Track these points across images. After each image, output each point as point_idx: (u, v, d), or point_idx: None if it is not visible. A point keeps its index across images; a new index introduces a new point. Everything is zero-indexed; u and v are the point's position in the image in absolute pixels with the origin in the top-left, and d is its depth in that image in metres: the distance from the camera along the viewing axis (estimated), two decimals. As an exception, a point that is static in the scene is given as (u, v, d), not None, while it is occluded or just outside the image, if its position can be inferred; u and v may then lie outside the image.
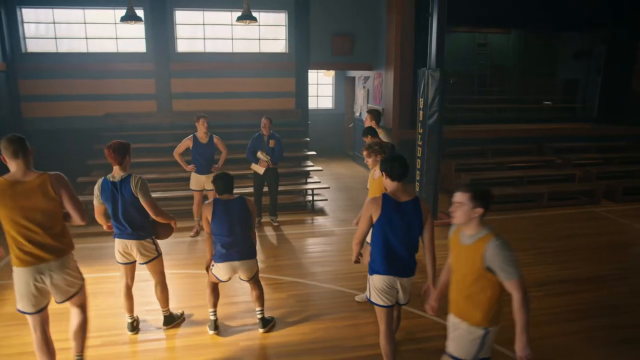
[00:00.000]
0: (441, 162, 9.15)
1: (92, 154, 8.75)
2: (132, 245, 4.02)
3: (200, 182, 6.67)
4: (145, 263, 4.12)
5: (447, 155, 9.51)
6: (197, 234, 6.79)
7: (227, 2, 9.66)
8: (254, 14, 9.99)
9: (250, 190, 7.28)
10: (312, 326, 4.42)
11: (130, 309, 4.29)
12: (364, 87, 11.40)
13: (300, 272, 5.62)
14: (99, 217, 4.04)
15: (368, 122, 5.89)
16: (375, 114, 5.97)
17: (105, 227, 4.07)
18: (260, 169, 6.95)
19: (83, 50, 9.45)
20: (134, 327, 4.32)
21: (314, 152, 9.76)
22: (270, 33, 10.30)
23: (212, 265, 4.12)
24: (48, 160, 9.43)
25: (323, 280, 5.42)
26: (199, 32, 9.96)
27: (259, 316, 4.33)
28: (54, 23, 9.30)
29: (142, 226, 4.01)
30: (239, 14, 9.86)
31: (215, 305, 4.24)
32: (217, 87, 10.08)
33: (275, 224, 7.27)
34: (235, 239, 3.96)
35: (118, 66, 9.49)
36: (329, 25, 10.23)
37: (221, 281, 4.14)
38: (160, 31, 9.51)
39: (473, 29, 12.39)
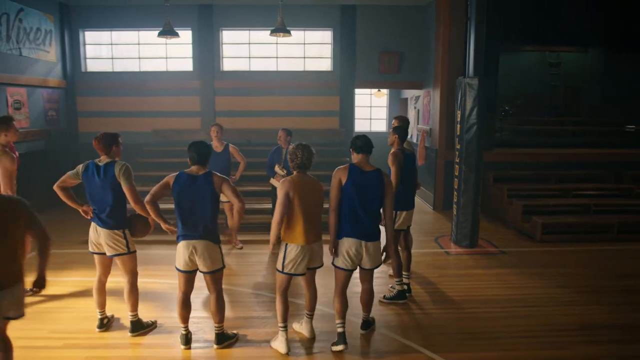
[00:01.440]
0: (492, 187, 8.32)
1: (133, 167, 8.96)
2: (101, 233, 3.90)
3: (215, 193, 6.45)
4: (113, 256, 3.94)
5: (500, 179, 8.52)
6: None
7: (272, 22, 9.66)
8: (299, 32, 9.99)
9: (269, 206, 6.94)
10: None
11: (101, 305, 4.12)
12: (414, 108, 10.77)
13: (299, 292, 5.06)
14: (59, 187, 3.92)
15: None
16: (402, 120, 5.43)
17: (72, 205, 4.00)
18: (277, 184, 6.58)
19: (136, 69, 9.93)
20: (103, 324, 4.14)
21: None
22: (315, 51, 10.15)
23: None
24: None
25: (322, 302, 4.81)
26: (244, 51, 10.07)
27: (216, 331, 3.91)
28: (111, 44, 9.91)
29: (115, 216, 3.88)
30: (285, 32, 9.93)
31: (186, 320, 3.85)
32: (260, 105, 10.04)
33: (295, 242, 6.81)
34: (195, 217, 3.63)
35: (166, 84, 9.82)
36: (375, 42, 9.85)
37: (181, 271, 3.73)
38: (207, 51, 9.74)
39: (544, 47, 11.32)
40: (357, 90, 12.47)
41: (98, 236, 3.92)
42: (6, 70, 7.71)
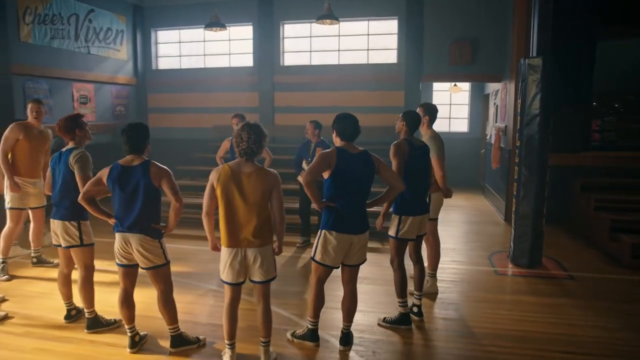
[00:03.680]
0: (579, 196, 6.83)
1: (186, 161, 9.06)
2: (56, 225, 3.73)
3: (236, 188, 6.05)
4: (67, 247, 3.73)
5: (591, 187, 6.94)
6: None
7: (335, 13, 9.14)
8: (363, 22, 9.33)
9: (296, 205, 6.40)
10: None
11: (66, 296, 3.95)
12: (494, 104, 9.41)
13: (291, 303, 4.42)
14: (46, 188, 3.97)
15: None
16: (427, 109, 4.53)
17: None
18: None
19: (201, 66, 10.09)
20: (71, 315, 3.96)
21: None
22: (379, 42, 9.38)
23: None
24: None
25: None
26: (305, 45, 9.68)
27: (170, 333, 3.48)
28: (179, 42, 10.20)
29: (70, 205, 3.64)
30: (348, 23, 9.36)
31: (129, 320, 3.46)
32: (320, 101, 9.54)
33: (323, 246, 6.16)
34: (129, 212, 3.22)
35: (228, 80, 9.81)
36: (445, 30, 8.76)
37: (118, 265, 3.37)
38: (267, 45, 9.53)
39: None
40: (435, 86, 11.47)
41: (56, 228, 3.74)
42: (74, 67, 8.23)
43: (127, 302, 3.42)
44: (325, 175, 3.30)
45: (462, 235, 7.06)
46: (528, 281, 5.03)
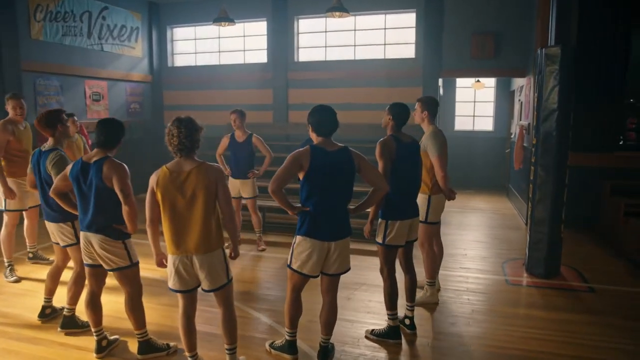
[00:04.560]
0: (608, 199, 6.28)
1: (200, 158, 8.94)
2: (51, 227, 3.64)
3: (235, 187, 5.84)
4: (65, 247, 3.64)
5: (622, 190, 6.36)
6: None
7: (352, 5, 8.82)
8: (380, 16, 8.98)
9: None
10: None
11: (49, 292, 3.86)
12: (519, 100, 8.85)
13: (278, 310, 4.15)
14: (29, 188, 3.94)
15: (418, 113, 4.21)
16: (425, 103, 4.21)
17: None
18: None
19: (215, 63, 9.98)
20: (45, 314, 3.85)
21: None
22: (396, 37, 8.99)
23: None
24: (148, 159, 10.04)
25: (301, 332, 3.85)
26: (320, 40, 9.40)
27: (137, 339, 3.29)
28: (195, 39, 10.12)
29: (59, 207, 3.48)
30: (363, 17, 9.03)
31: (96, 323, 3.29)
32: (334, 98, 9.20)
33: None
34: (86, 212, 3.07)
35: (241, 77, 9.66)
36: (466, 22, 8.29)
37: (84, 265, 3.24)
38: (281, 41, 9.31)
39: None
40: (458, 83, 10.96)
41: (51, 228, 3.66)
42: (86, 64, 8.25)
43: (93, 304, 3.26)
44: (300, 175, 3.02)
45: (476, 240, 6.61)
46: (542, 293, 4.58)
